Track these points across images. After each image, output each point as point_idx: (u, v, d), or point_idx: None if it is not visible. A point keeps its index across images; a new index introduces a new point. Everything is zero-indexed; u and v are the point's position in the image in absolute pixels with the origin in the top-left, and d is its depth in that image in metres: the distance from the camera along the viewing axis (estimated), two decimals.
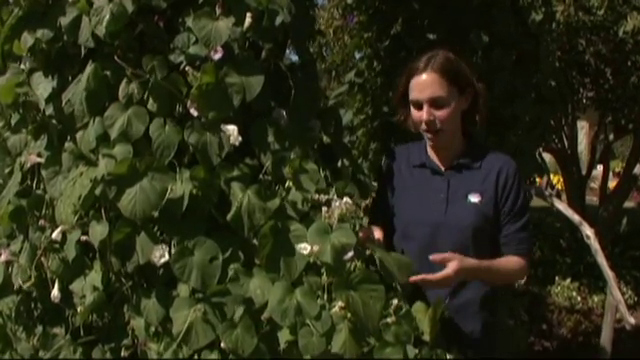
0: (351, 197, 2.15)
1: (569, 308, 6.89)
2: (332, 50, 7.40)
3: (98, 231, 2.09)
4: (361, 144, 4.08)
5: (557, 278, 7.48)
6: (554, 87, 4.27)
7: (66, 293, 2.29)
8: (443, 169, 2.48)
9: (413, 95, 2.41)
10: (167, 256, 2.00)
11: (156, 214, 2.07)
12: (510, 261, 2.42)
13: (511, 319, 4.47)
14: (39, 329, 2.39)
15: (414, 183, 2.50)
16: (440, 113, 2.37)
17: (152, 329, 2.14)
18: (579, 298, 7.14)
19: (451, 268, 2.18)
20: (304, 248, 1.96)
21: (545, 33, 3.73)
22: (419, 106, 2.39)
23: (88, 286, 2.22)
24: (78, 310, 2.21)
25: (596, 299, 7.06)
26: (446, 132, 2.41)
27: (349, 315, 1.94)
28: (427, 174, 2.49)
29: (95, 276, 2.21)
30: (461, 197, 2.42)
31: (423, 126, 2.40)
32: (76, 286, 2.27)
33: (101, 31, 2.11)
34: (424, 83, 2.37)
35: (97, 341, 2.32)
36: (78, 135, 2.26)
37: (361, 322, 1.95)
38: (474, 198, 2.40)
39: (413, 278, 2.14)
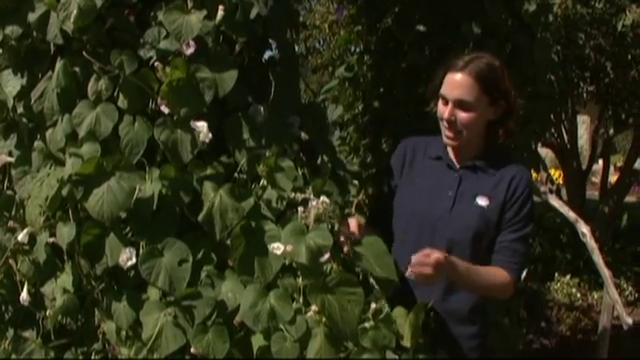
0: (329, 196, 2.08)
1: (568, 305, 6.82)
2: (329, 45, 7.33)
3: (65, 233, 2.03)
4: (352, 140, 4.00)
5: (556, 274, 7.40)
6: (552, 81, 4.18)
7: (37, 296, 2.23)
8: (458, 166, 2.41)
9: (443, 90, 2.34)
10: (134, 259, 1.93)
11: (124, 215, 1.99)
12: (496, 272, 2.32)
13: (508, 318, 4.39)
14: (10, 332, 2.32)
15: (426, 174, 2.43)
16: (463, 115, 2.29)
17: (123, 333, 2.07)
18: (579, 295, 7.07)
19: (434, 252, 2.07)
20: (277, 248, 1.89)
21: (540, 25, 3.64)
22: (446, 102, 2.33)
23: (59, 289, 2.16)
24: (47, 313, 2.14)
25: (596, 295, 6.98)
26: (464, 136, 2.33)
27: (324, 320, 1.86)
28: (442, 167, 2.43)
29: (66, 278, 2.15)
30: (469, 198, 2.35)
31: (444, 122, 2.34)
32: (47, 289, 2.21)
33: (69, 27, 2.04)
34: (456, 82, 2.30)
35: (70, 344, 2.26)
36: (48, 134, 2.19)
37: (337, 327, 1.87)
38: (482, 201, 2.33)
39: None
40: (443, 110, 2.33)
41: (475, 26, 3.36)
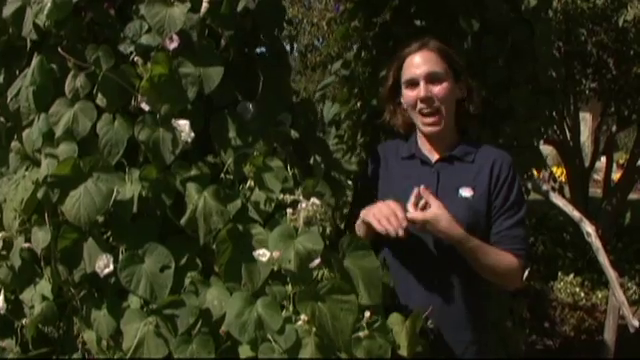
0: (321, 197, 1.98)
1: (572, 305, 6.73)
2: (328, 43, 7.26)
3: (40, 238, 1.93)
4: (349, 138, 3.90)
5: (560, 273, 7.31)
6: (553, 77, 4.09)
7: (17, 303, 2.13)
8: (433, 161, 2.30)
9: (408, 74, 2.26)
10: (112, 266, 1.82)
11: (101, 219, 1.89)
12: (506, 256, 2.21)
13: (510, 319, 4.31)
14: None
15: (401, 176, 2.32)
16: (437, 89, 2.22)
17: (104, 342, 1.97)
18: (582, 294, 6.98)
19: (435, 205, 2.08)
20: (262, 254, 1.78)
21: (540, 20, 3.55)
22: (415, 85, 2.24)
23: (37, 296, 2.06)
24: (24, 322, 2.05)
25: (600, 295, 6.89)
26: (442, 114, 2.24)
27: (315, 329, 1.76)
28: (416, 165, 2.32)
29: (45, 285, 2.05)
30: (451, 191, 2.24)
31: (419, 105, 2.23)
32: (25, 296, 2.11)
33: (42, 20, 1.94)
34: (421, 59, 2.25)
35: (51, 353, 2.16)
36: (25, 134, 2.09)
37: (329, 337, 1.76)
38: (466, 192, 2.22)
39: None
40: (414, 94, 2.25)
41: (474, 20, 3.26)
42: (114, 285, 1.94)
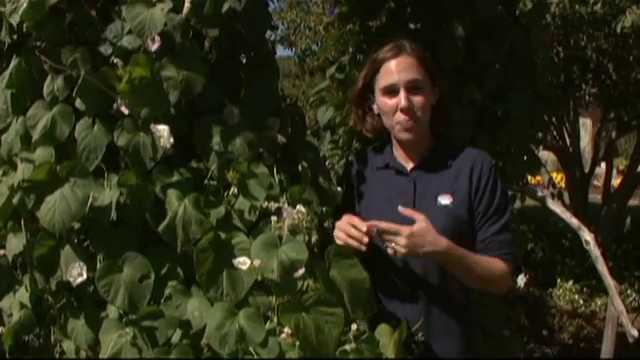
0: (308, 204, 1.92)
1: (571, 312, 6.68)
2: (323, 47, 7.22)
3: (13, 244, 1.87)
4: (344, 143, 3.84)
5: (559, 280, 7.26)
6: (551, 82, 4.04)
7: None
8: (409, 169, 2.23)
9: (387, 80, 2.16)
10: (85, 275, 1.76)
11: (77, 225, 1.83)
12: (494, 262, 2.14)
13: (507, 326, 4.25)
14: None
15: (378, 187, 2.26)
16: (418, 99, 2.14)
17: (83, 353, 1.91)
18: (581, 301, 6.93)
19: (420, 219, 1.99)
20: (242, 262, 1.71)
21: (536, 25, 3.49)
22: (394, 92, 2.15)
23: (16, 304, 2.00)
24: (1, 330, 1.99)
25: (599, 302, 6.84)
26: (421, 124, 2.18)
27: (299, 342, 1.69)
28: (391, 176, 2.25)
29: (24, 293, 1.99)
30: (430, 199, 2.16)
31: (399, 116, 2.15)
32: (4, 303, 2.05)
33: (15, 20, 1.88)
34: (402, 65, 2.14)
35: None
36: (2, 137, 2.03)
37: (313, 350, 1.70)
38: (444, 200, 2.15)
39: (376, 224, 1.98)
40: (393, 102, 2.15)
41: (466, 23, 3.21)
42: (93, 294, 1.87)
